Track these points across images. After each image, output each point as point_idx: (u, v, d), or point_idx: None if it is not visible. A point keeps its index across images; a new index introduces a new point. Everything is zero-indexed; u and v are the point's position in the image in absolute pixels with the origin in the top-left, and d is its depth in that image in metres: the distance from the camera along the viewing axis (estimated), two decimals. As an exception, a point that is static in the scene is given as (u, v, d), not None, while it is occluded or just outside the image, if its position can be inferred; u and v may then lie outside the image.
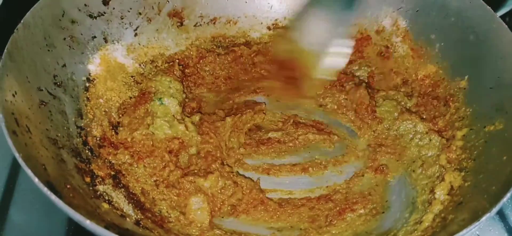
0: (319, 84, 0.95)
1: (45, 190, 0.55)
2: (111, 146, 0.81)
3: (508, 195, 0.60)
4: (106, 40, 0.91)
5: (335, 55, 0.84)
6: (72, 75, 0.83)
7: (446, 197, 0.73)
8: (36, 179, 0.55)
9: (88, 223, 0.53)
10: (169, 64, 0.97)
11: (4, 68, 0.66)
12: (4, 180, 0.84)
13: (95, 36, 0.89)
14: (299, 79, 0.90)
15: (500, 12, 1.01)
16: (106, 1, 0.90)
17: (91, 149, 0.78)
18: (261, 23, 1.07)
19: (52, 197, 0.55)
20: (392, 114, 0.89)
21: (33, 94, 0.72)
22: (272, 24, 1.06)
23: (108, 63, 0.90)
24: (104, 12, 0.90)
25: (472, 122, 0.81)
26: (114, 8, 0.92)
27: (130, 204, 0.73)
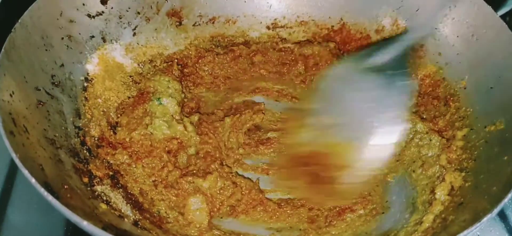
0: (359, 184, 0.75)
1: (42, 191, 0.55)
2: (109, 146, 0.80)
3: (509, 196, 0.60)
4: (104, 40, 0.90)
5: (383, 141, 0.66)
6: (70, 75, 0.82)
7: (447, 198, 0.72)
8: (33, 180, 0.55)
9: (85, 224, 0.53)
10: (167, 64, 0.97)
11: (2, 68, 0.66)
12: (2, 180, 0.84)
13: (93, 36, 0.88)
14: (328, 178, 0.71)
15: (501, 12, 1.00)
16: (104, 1, 0.90)
17: (89, 149, 0.78)
18: (260, 22, 1.06)
19: (49, 198, 0.55)
20: (392, 114, 0.89)
21: (30, 94, 0.71)
22: (272, 24, 1.06)
23: (107, 63, 0.90)
24: (103, 12, 0.90)
25: (473, 122, 0.80)
26: (112, 8, 0.91)
27: (129, 204, 0.73)
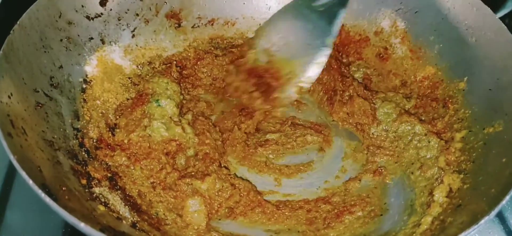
0: (290, 96, 0.86)
1: (39, 193, 0.55)
2: (107, 147, 0.80)
3: (507, 198, 0.60)
4: (103, 42, 0.90)
5: (309, 64, 0.82)
6: (69, 77, 0.82)
7: (445, 200, 0.72)
8: (30, 181, 0.55)
9: (83, 226, 0.53)
10: (166, 65, 0.97)
11: (0, 69, 0.66)
12: (0, 182, 0.84)
13: (92, 38, 0.88)
14: (269, 88, 0.87)
15: (500, 14, 1.01)
16: (103, 2, 0.90)
17: (87, 150, 0.78)
18: (259, 24, 1.06)
19: (47, 200, 0.55)
20: (390, 116, 0.89)
21: (29, 95, 0.71)
22: (270, 25, 1.06)
23: (105, 65, 0.90)
24: (101, 13, 0.90)
25: (471, 124, 0.80)
26: (111, 9, 0.91)
27: (127, 206, 0.73)
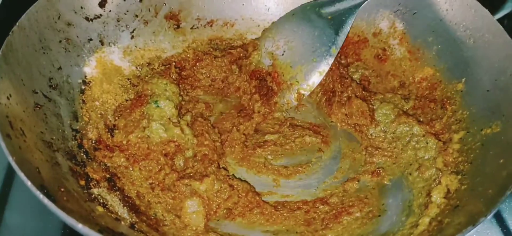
0: (290, 101, 0.93)
1: (38, 194, 0.55)
2: (106, 148, 0.81)
3: (504, 199, 0.60)
4: (102, 43, 0.91)
5: (312, 72, 0.89)
6: (68, 78, 0.82)
7: (443, 200, 0.72)
8: (29, 183, 0.55)
9: (81, 227, 0.53)
10: (165, 66, 0.97)
11: (-1, 71, 0.66)
12: (0, 182, 0.84)
13: (91, 39, 0.89)
14: (270, 92, 0.92)
15: (498, 15, 1.01)
16: (102, 4, 0.90)
17: (86, 151, 0.78)
18: (258, 25, 1.07)
19: (45, 201, 0.55)
20: (389, 117, 0.89)
21: (28, 97, 0.72)
22: (270, 27, 1.06)
23: (104, 66, 0.90)
24: (100, 15, 0.90)
25: (469, 125, 0.81)
26: (110, 11, 0.92)
27: (125, 207, 0.73)
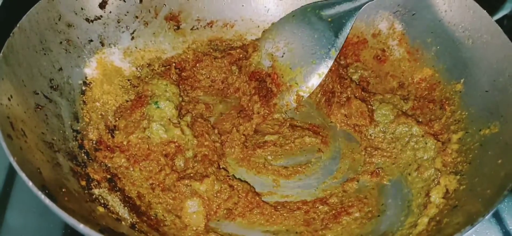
0: (289, 103, 0.95)
1: (39, 194, 0.55)
2: (107, 149, 0.81)
3: (502, 199, 0.60)
4: (102, 44, 0.91)
5: (311, 74, 0.91)
6: (69, 79, 0.83)
7: (442, 201, 0.73)
8: (30, 183, 0.56)
9: (82, 227, 0.53)
10: (165, 67, 0.98)
11: (0, 72, 0.67)
12: (1, 183, 0.84)
13: (91, 40, 0.89)
14: (270, 93, 0.93)
15: (496, 16, 1.01)
16: (102, 5, 0.90)
17: (87, 152, 0.78)
18: (258, 26, 1.07)
19: (47, 201, 0.55)
20: (388, 117, 0.89)
21: (29, 98, 0.72)
22: (269, 28, 1.06)
23: (105, 67, 0.90)
24: (101, 16, 0.90)
25: (468, 125, 0.81)
26: (110, 12, 0.92)
27: (126, 207, 0.73)
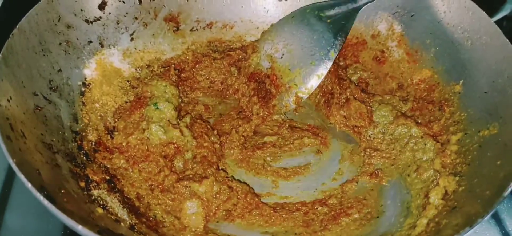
0: (288, 104, 0.95)
1: (38, 196, 0.55)
2: (106, 150, 0.81)
3: (502, 200, 0.60)
4: (102, 45, 0.91)
5: (310, 75, 0.91)
6: (68, 80, 0.83)
7: (441, 202, 0.73)
8: (29, 184, 0.56)
9: (81, 228, 0.53)
10: (165, 68, 0.98)
11: (-1, 73, 0.67)
12: (0, 184, 0.84)
13: (91, 41, 0.89)
14: (269, 94, 0.93)
15: (495, 18, 1.01)
16: (102, 6, 0.90)
17: (86, 153, 0.78)
18: (257, 27, 1.07)
19: (46, 203, 0.55)
20: (387, 118, 0.89)
21: (28, 99, 0.72)
22: (268, 29, 1.07)
23: (104, 68, 0.90)
24: (100, 17, 0.91)
25: (467, 126, 0.81)
26: (110, 13, 0.92)
27: (125, 208, 0.73)
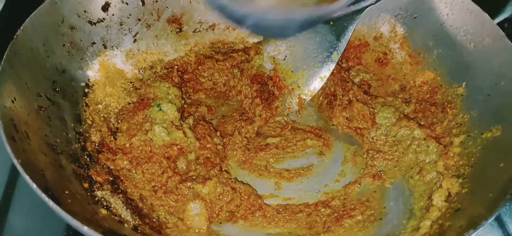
0: (291, 106, 0.95)
1: (43, 196, 0.55)
2: (109, 151, 0.81)
3: (505, 202, 0.61)
4: (105, 46, 0.91)
5: (313, 77, 0.92)
6: (71, 81, 0.83)
7: (444, 204, 0.73)
8: (34, 185, 0.56)
9: (86, 229, 0.53)
10: (168, 70, 0.98)
11: (4, 74, 0.67)
12: (3, 185, 0.84)
13: (94, 42, 0.89)
14: (271, 96, 0.93)
15: (498, 19, 1.01)
16: (105, 8, 0.91)
17: (89, 154, 0.79)
18: (259, 29, 1.07)
19: (50, 203, 0.55)
20: (390, 120, 0.89)
21: (32, 100, 0.72)
22: (271, 30, 1.07)
23: (107, 69, 0.90)
24: (104, 19, 0.91)
25: (470, 129, 0.81)
26: (113, 15, 0.92)
27: (128, 209, 0.73)
